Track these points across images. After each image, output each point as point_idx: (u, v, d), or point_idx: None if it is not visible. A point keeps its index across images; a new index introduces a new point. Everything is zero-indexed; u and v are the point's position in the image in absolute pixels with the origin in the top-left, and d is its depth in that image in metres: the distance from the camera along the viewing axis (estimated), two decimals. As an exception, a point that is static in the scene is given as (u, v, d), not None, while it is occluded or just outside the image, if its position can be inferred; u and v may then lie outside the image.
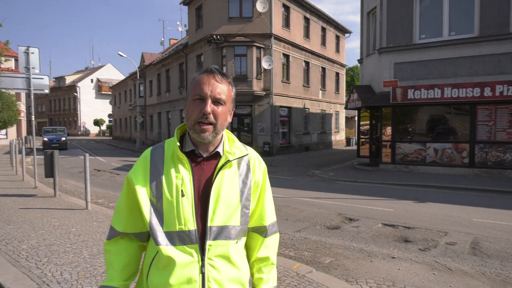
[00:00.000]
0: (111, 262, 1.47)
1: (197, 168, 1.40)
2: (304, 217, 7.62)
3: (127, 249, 1.47)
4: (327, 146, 31.43)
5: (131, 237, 1.48)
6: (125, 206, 1.45)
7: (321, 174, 14.63)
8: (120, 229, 1.46)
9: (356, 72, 59.64)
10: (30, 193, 9.77)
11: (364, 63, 18.32)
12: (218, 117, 1.37)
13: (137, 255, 1.50)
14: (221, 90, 1.38)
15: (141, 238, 1.48)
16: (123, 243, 1.48)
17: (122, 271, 1.45)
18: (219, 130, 1.39)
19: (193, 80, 1.42)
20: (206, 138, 1.37)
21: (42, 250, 5.07)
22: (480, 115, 13.35)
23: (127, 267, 1.47)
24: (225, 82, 1.41)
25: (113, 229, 1.48)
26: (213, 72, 1.40)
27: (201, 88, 1.37)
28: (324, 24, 29.91)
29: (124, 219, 1.45)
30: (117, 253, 1.47)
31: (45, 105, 72.96)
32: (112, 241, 1.49)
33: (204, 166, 1.41)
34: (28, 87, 9.98)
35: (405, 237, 6.25)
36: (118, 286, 1.43)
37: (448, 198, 9.70)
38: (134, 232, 1.46)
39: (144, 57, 38.32)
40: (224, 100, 1.39)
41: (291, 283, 4.09)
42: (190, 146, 1.41)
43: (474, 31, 13.21)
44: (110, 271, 1.46)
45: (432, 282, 4.36)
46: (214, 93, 1.36)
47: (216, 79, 1.38)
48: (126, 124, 46.19)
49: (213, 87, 1.36)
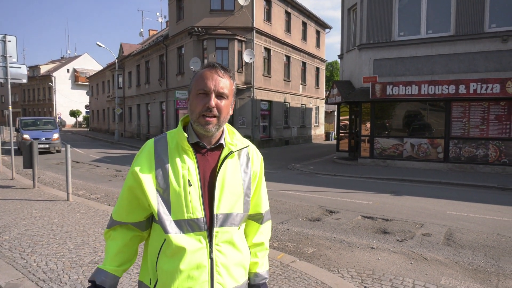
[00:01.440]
0: (107, 247, 1.54)
1: (202, 159, 1.47)
2: (286, 210, 7.77)
3: (122, 237, 1.53)
4: (307, 140, 31.77)
5: (129, 227, 1.53)
6: (126, 198, 1.50)
7: (302, 168, 14.85)
8: (118, 219, 1.52)
9: (335, 67, 60.22)
10: (8, 184, 9.57)
11: (344, 59, 18.58)
12: (222, 111, 1.45)
13: (131, 244, 1.55)
14: (224, 85, 1.45)
15: (139, 227, 1.53)
16: (120, 231, 1.54)
17: (115, 256, 1.51)
18: (222, 123, 1.47)
19: (196, 75, 1.48)
20: (210, 130, 1.44)
21: (25, 241, 5.03)
22: (455, 112, 13.80)
23: (120, 253, 1.52)
24: (227, 76, 1.48)
25: (112, 219, 1.55)
26: (216, 67, 1.47)
27: (204, 83, 1.43)
28: (305, 19, 30.07)
29: (123, 210, 1.51)
30: (113, 239, 1.54)
31: (18, 94, 70.62)
32: (111, 229, 1.55)
33: (208, 157, 1.48)
34: (5, 76, 9.74)
35: (383, 229, 6.49)
36: (109, 271, 1.49)
37: (424, 191, 10.05)
38: (132, 221, 1.52)
39: (123, 47, 37.58)
40: (227, 94, 1.46)
41: (276, 271, 4.22)
42: (195, 138, 1.47)
43: (450, 30, 13.60)
44: (106, 256, 1.53)
45: (409, 271, 4.58)
46: (218, 87, 1.43)
47: (219, 74, 1.45)
48: (104, 115, 45.34)
49: (216, 82, 1.43)
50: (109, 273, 1.48)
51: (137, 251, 1.60)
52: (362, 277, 4.35)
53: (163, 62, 27.87)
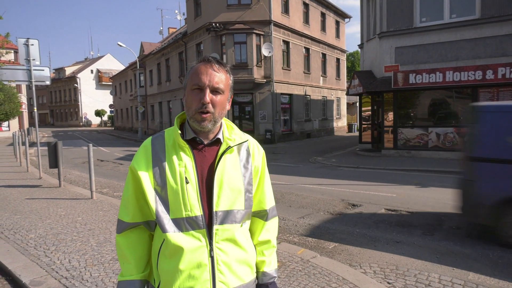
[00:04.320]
0: (126, 256, 1.47)
1: (199, 155, 1.42)
2: (307, 204, 7.67)
3: (140, 241, 1.48)
4: (329, 132, 31.40)
5: (141, 228, 1.49)
6: (132, 196, 1.45)
7: (323, 161, 14.67)
8: (128, 220, 1.46)
9: (356, 58, 59.14)
10: (35, 183, 9.85)
11: (365, 48, 18.19)
12: (217, 106, 1.39)
13: (150, 246, 1.52)
14: (219, 79, 1.39)
15: (150, 227, 1.49)
16: (135, 235, 1.48)
17: (138, 263, 1.47)
18: (218, 118, 1.41)
19: (191, 69, 1.43)
20: (206, 126, 1.39)
21: (50, 239, 5.15)
22: (482, 98, 13.28)
23: (142, 258, 1.49)
24: (222, 70, 1.42)
25: (122, 222, 1.47)
26: (210, 61, 1.41)
27: (199, 78, 1.38)
28: (323, 10, 29.61)
29: (131, 209, 1.45)
30: (130, 246, 1.47)
31: (46, 96, 72.84)
32: (123, 235, 1.48)
33: (206, 153, 1.43)
34: (29, 79, 9.99)
35: (408, 222, 6.31)
36: (139, 279, 1.46)
37: (451, 182, 9.71)
38: (143, 221, 1.47)
39: (144, 46, 38.07)
40: (222, 89, 1.40)
41: (296, 268, 4.16)
42: (191, 134, 1.43)
43: (475, 13, 13.07)
44: (126, 265, 1.47)
45: (435, 266, 4.42)
46: (212, 82, 1.38)
47: (213, 68, 1.39)
48: (127, 114, 46.15)
49: (211, 77, 1.38)
50: (136, 281, 1.46)
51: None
52: (385, 273, 4.23)
53: (183, 59, 28.06)
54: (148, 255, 1.52)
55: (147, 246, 1.51)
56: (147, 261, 1.51)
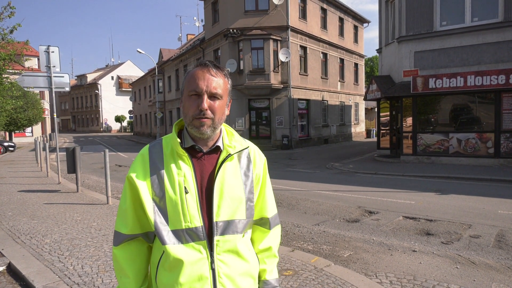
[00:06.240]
0: (123, 269, 1.41)
1: (198, 164, 1.37)
2: (323, 210, 7.55)
3: (138, 254, 1.43)
4: (347, 138, 31.06)
5: (140, 240, 1.43)
6: (130, 206, 1.39)
7: (341, 167, 14.47)
8: (126, 231, 1.39)
9: (375, 63, 58.56)
10: (54, 188, 10.03)
11: (383, 53, 17.95)
12: (216, 112, 1.34)
13: (148, 258, 1.46)
14: (216, 84, 1.34)
15: (149, 238, 1.43)
16: (133, 248, 1.42)
17: (136, 277, 1.42)
18: (217, 125, 1.36)
19: (187, 74, 1.38)
20: (205, 132, 1.33)
21: (65, 244, 5.19)
22: (506, 103, 12.88)
23: (140, 272, 1.43)
24: (220, 75, 1.36)
25: (119, 234, 1.41)
26: (207, 65, 1.35)
27: (196, 84, 1.32)
28: (341, 14, 29.43)
29: (130, 220, 1.39)
30: (129, 259, 1.41)
31: (68, 102, 74.67)
32: (121, 247, 1.41)
33: (205, 161, 1.38)
34: (50, 85, 10.20)
35: (426, 230, 6.11)
36: None
37: (472, 189, 9.43)
38: (142, 232, 1.41)
39: (162, 53, 38.66)
40: (220, 94, 1.35)
41: (309, 276, 4.06)
42: (190, 141, 1.37)
43: (498, 16, 12.73)
44: (124, 280, 1.41)
45: (454, 276, 4.24)
46: (210, 88, 1.32)
47: (211, 73, 1.34)
48: (146, 120, 46.82)
49: (208, 82, 1.32)
50: None
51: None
52: (402, 283, 4.08)
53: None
54: (147, 268, 1.46)
55: (145, 258, 1.45)
56: (146, 275, 1.46)
